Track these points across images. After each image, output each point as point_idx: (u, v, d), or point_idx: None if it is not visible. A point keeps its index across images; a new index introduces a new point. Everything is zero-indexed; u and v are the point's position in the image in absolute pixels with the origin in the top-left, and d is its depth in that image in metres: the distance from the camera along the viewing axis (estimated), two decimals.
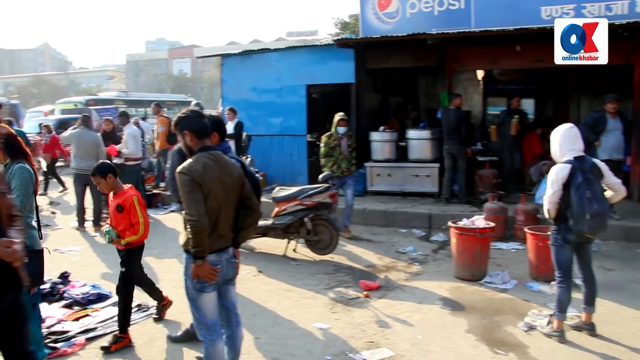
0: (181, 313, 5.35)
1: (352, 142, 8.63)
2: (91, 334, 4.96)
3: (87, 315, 5.36)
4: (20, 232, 3.09)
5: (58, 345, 4.69)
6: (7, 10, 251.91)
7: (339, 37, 15.45)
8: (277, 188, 8.33)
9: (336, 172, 8.30)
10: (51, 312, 5.41)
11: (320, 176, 7.96)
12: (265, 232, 7.66)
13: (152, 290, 5.36)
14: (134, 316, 5.19)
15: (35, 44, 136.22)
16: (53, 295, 5.82)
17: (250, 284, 6.42)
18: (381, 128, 10.82)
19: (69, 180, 15.47)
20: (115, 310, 5.26)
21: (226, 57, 12.92)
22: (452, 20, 11.29)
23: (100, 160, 5.80)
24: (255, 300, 5.89)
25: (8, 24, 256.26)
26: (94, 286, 6.03)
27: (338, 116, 8.44)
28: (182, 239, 3.60)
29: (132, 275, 4.91)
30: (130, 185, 5.16)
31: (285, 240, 7.67)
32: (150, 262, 7.18)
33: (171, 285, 6.26)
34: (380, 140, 10.65)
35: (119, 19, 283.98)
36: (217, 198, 3.47)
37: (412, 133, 10.66)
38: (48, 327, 5.00)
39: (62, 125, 21.67)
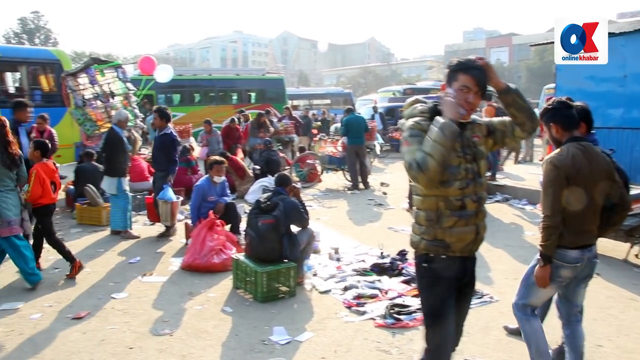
0: None
1: None
2: None
3: None
4: None
5: (401, 317, 5.03)
6: (339, 11, 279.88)
7: None
8: None
9: None
10: (393, 286, 5.85)
11: None
12: None
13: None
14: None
15: (363, 38, 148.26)
16: (393, 270, 6.27)
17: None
18: None
19: (393, 165, 16.63)
20: None
21: None
22: None
23: None
24: (595, 304, 5.46)
25: (341, 22, 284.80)
26: None
27: None
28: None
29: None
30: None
31: (628, 244, 6.95)
32: (481, 251, 7.24)
33: (503, 276, 6.24)
34: None
35: (438, 10, 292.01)
36: (584, 190, 3.35)
37: None
38: (391, 299, 5.43)
39: (390, 112, 23.27)
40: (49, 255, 7.12)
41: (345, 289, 5.75)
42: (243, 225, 7.35)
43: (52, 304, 5.49)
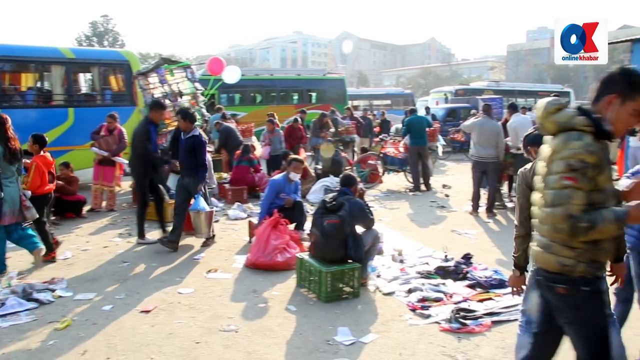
0: None
1: None
2: (495, 318, 5.05)
3: (490, 298, 5.48)
4: None
5: (467, 322, 4.92)
6: (398, 11, 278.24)
7: None
8: None
9: None
10: (457, 290, 5.74)
11: None
12: None
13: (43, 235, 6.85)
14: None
15: (423, 39, 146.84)
16: (457, 274, 6.15)
17: None
18: None
19: (454, 167, 16.35)
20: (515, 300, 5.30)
21: (637, 43, 11.68)
22: None
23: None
24: None
25: (400, 23, 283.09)
26: (495, 271, 6.14)
27: None
28: None
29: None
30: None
31: None
32: None
33: None
34: None
35: (501, 9, 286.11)
36: None
37: None
38: (456, 303, 5.32)
39: (451, 114, 22.89)
40: (118, 250, 7.37)
41: (410, 291, 5.67)
42: (307, 225, 7.39)
43: (122, 296, 5.66)
